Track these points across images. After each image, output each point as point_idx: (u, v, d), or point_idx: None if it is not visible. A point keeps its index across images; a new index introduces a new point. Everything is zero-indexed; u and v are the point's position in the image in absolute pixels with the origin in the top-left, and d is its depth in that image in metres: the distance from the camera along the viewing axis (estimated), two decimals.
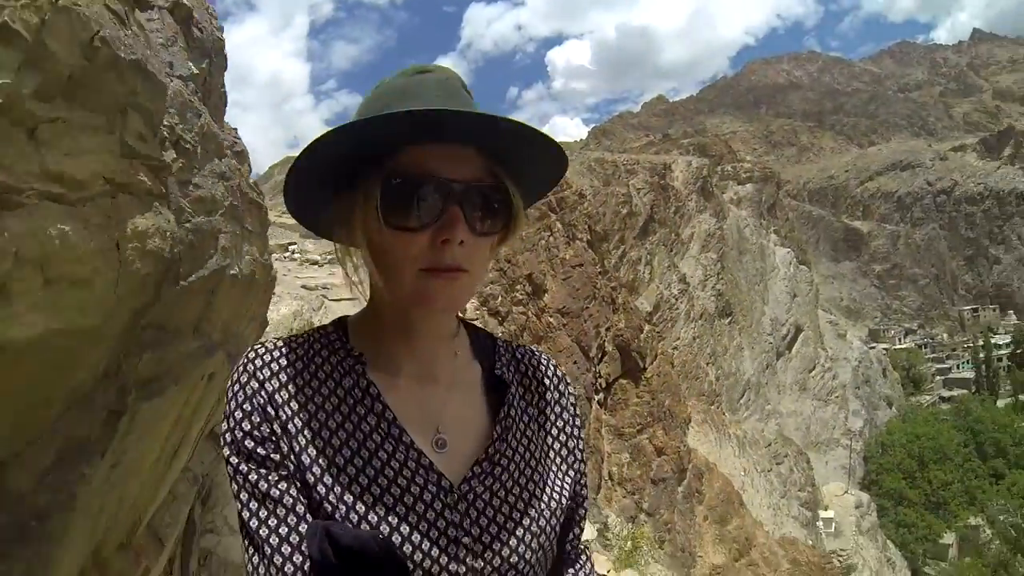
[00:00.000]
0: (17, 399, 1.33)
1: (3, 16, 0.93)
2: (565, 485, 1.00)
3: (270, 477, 0.84)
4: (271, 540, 0.81)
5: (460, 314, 1.02)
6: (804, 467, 33.16)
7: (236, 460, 0.85)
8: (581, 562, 1.05)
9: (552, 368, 1.07)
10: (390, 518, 0.83)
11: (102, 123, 1.19)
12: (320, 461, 0.85)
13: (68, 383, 1.51)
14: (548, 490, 0.96)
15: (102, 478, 1.68)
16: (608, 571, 11.80)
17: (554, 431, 1.02)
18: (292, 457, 0.84)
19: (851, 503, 34.78)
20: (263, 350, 0.90)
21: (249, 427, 0.85)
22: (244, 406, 0.86)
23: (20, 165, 0.99)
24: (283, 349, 0.91)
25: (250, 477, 0.83)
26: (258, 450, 0.84)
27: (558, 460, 1.01)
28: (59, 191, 1.08)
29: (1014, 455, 48.10)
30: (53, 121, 1.04)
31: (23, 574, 1.44)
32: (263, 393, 0.87)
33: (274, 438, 0.85)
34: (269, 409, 0.86)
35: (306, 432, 0.86)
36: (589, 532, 12.78)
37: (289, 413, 0.87)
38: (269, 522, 0.82)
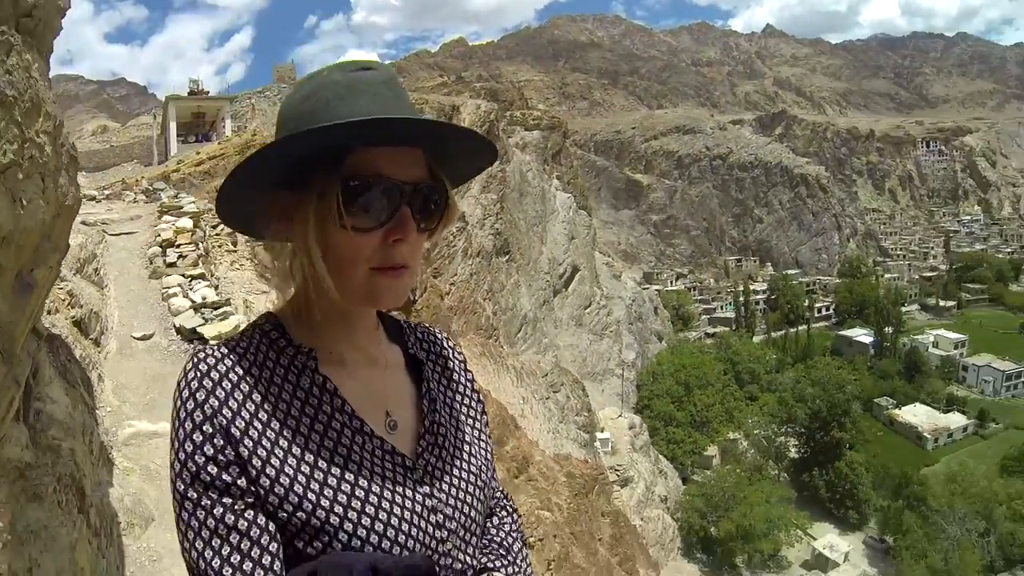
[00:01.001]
0: None
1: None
2: (487, 443, 1.16)
3: (236, 507, 0.83)
4: None
5: None
6: (580, 394, 36.21)
7: (195, 494, 0.83)
8: (505, 510, 1.22)
9: (448, 342, 1.22)
10: (381, 515, 0.90)
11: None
12: (303, 470, 0.87)
13: None
14: (477, 449, 1.11)
15: None
16: None
17: (459, 397, 1.17)
18: (267, 475, 0.85)
19: (625, 425, 38.91)
20: (212, 361, 0.90)
21: (212, 451, 0.83)
22: (204, 427, 0.84)
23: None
24: (232, 358, 0.92)
25: (214, 511, 0.82)
26: (223, 476, 0.83)
27: (470, 421, 1.16)
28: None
29: (765, 381, 57.93)
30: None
31: None
32: (226, 412, 0.86)
33: (240, 461, 0.84)
34: (234, 429, 0.85)
35: (281, 442, 0.88)
36: None
37: (259, 428, 0.87)
38: (232, 559, 0.81)
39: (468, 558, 1.02)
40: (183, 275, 8.94)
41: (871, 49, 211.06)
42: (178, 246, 9.90)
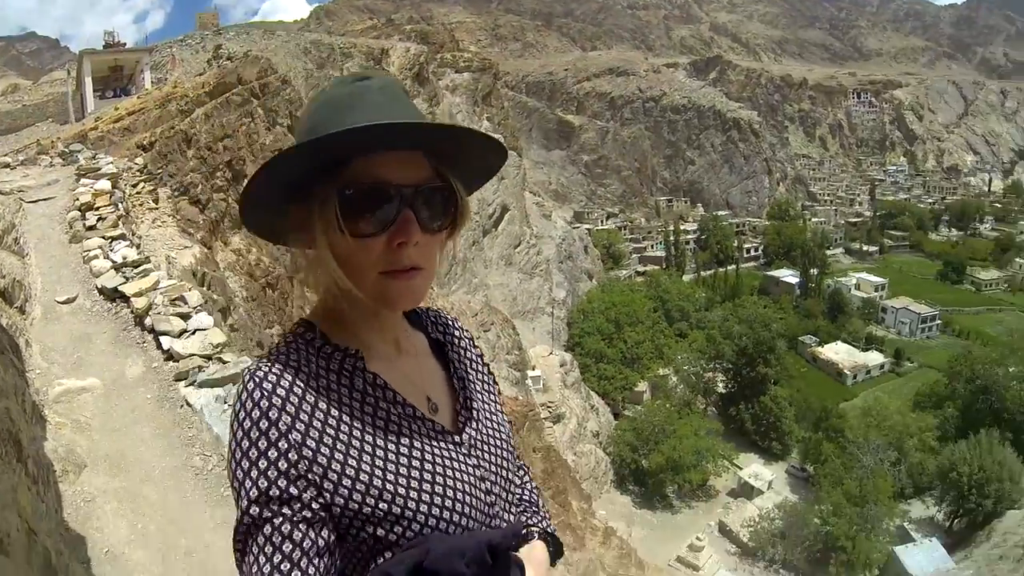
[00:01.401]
0: None
1: None
2: (502, 411, 1.26)
3: (294, 518, 0.88)
4: None
5: None
6: (511, 333, 36.74)
7: (257, 509, 0.88)
8: (523, 468, 1.37)
9: (456, 323, 1.33)
10: (448, 492, 1.00)
11: None
12: (377, 464, 0.95)
13: None
14: (500, 419, 1.23)
15: None
16: None
17: (476, 373, 1.28)
18: (348, 476, 0.92)
19: (556, 362, 39.77)
20: (274, 378, 0.95)
21: (286, 466, 0.88)
22: (280, 444, 0.89)
23: None
24: (289, 373, 0.96)
25: (274, 520, 0.87)
26: (290, 490, 0.88)
27: (486, 392, 1.26)
28: None
29: (695, 319, 59.62)
30: None
31: None
32: (299, 426, 0.91)
33: (310, 475, 0.90)
34: (309, 441, 0.91)
35: (354, 443, 0.95)
36: None
37: (332, 434, 0.94)
38: (282, 567, 0.85)
39: (510, 516, 1.17)
40: (103, 237, 9.16)
41: None
42: (97, 209, 10.13)
